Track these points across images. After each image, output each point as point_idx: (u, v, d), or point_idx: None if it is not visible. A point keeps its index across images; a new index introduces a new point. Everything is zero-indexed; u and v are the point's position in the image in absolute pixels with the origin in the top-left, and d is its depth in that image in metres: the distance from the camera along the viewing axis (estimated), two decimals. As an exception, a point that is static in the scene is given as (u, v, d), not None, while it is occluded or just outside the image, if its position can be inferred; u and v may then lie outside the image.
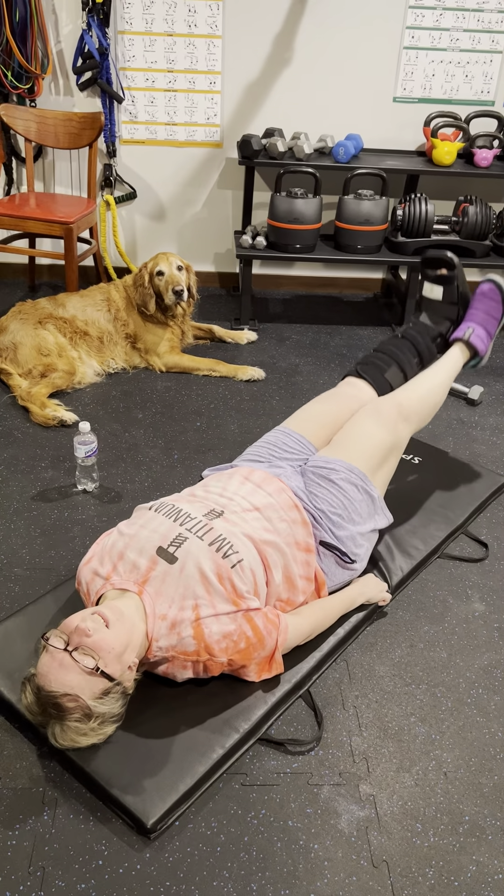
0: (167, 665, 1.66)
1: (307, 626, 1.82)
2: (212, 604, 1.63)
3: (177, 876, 1.43)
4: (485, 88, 3.74)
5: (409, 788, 1.62)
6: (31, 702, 1.51)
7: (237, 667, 1.70)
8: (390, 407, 2.14)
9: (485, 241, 3.62)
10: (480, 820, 1.56)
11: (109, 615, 1.55)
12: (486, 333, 2.33)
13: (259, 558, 1.76)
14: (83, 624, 1.51)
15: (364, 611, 1.98)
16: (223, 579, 1.65)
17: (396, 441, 2.11)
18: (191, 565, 1.66)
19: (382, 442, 2.08)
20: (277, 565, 1.80)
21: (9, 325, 3.10)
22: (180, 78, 3.66)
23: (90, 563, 1.76)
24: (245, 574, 1.69)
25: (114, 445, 2.77)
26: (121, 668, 1.53)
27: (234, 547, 1.71)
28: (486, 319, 2.34)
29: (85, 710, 1.48)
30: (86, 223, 3.49)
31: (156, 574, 1.67)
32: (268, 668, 1.74)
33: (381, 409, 2.14)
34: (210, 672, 1.68)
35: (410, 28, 3.58)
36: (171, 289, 3.17)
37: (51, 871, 1.43)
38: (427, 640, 1.99)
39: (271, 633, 1.69)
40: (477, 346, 2.31)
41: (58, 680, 1.48)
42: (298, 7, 3.51)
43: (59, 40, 3.57)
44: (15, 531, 2.31)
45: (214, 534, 1.73)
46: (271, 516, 1.85)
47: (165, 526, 1.75)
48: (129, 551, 1.72)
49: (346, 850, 1.49)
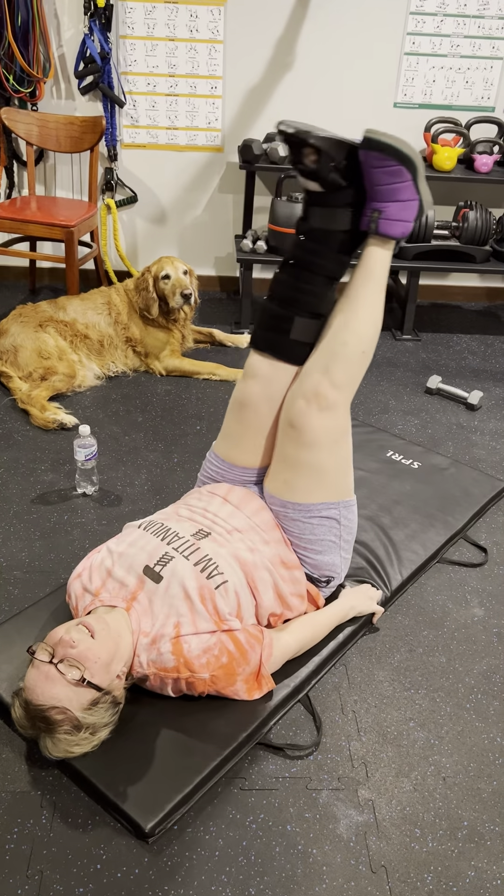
0: (150, 681, 1.65)
1: (294, 641, 1.79)
2: (193, 622, 1.62)
3: (175, 880, 1.43)
4: (485, 94, 3.75)
5: (407, 793, 1.61)
6: (21, 716, 1.51)
7: (223, 685, 1.65)
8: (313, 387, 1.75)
9: (485, 247, 3.62)
10: (479, 825, 1.56)
11: (95, 625, 1.54)
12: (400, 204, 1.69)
13: (245, 581, 1.73)
14: (67, 635, 1.50)
15: (359, 621, 1.98)
16: (205, 600, 1.64)
17: (338, 422, 1.78)
18: (175, 585, 1.65)
19: (329, 443, 1.78)
20: (267, 586, 1.77)
21: (9, 328, 3.10)
22: (182, 82, 3.67)
23: (80, 578, 1.76)
24: (228, 596, 1.67)
25: (114, 449, 2.77)
26: (108, 678, 1.52)
27: (219, 568, 1.69)
28: (392, 189, 1.67)
29: (73, 722, 1.48)
30: (87, 227, 3.49)
31: (143, 593, 1.67)
32: (257, 685, 1.70)
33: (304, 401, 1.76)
34: (195, 690, 1.64)
35: (411, 34, 3.59)
36: (178, 293, 3.18)
37: (49, 875, 1.42)
38: (426, 645, 1.99)
39: (254, 647, 1.66)
40: (392, 233, 1.72)
41: (44, 693, 1.47)
42: (300, 12, 3.52)
43: (61, 44, 3.58)
44: (14, 534, 2.31)
45: (201, 554, 1.71)
46: (254, 539, 1.82)
47: (153, 544, 1.74)
48: (116, 569, 1.72)
49: (345, 855, 1.49)
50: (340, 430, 1.80)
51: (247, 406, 1.88)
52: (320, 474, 1.81)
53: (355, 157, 1.67)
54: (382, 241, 1.75)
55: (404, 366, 3.53)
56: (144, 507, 2.45)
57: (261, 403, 1.86)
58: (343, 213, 1.73)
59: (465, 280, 4.27)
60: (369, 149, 1.63)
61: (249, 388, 1.87)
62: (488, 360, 3.63)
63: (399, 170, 1.64)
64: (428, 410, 3.14)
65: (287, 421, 1.81)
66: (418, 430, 2.98)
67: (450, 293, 4.29)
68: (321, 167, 1.65)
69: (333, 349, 1.77)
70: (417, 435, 2.95)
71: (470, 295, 4.31)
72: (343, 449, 1.83)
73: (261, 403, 1.86)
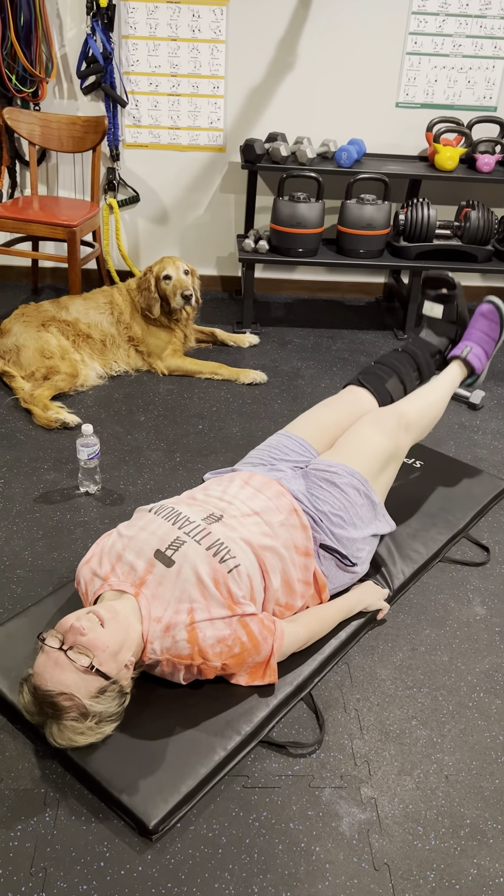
0: (161, 667, 1.66)
1: (303, 633, 1.82)
2: (207, 608, 1.63)
3: (178, 878, 1.43)
4: (487, 94, 3.75)
5: (410, 791, 1.62)
6: (28, 701, 1.52)
7: (230, 673, 1.70)
8: (391, 416, 2.17)
9: (486, 246, 3.62)
10: (481, 823, 1.56)
11: (104, 614, 1.56)
12: (484, 352, 2.40)
13: (257, 564, 1.76)
14: (78, 623, 1.52)
15: (364, 616, 1.99)
16: (219, 584, 1.65)
17: (396, 450, 2.13)
18: (187, 569, 1.66)
19: (383, 449, 2.10)
20: (276, 570, 1.80)
21: (12, 328, 3.11)
22: (184, 82, 3.68)
23: (89, 563, 1.78)
24: (241, 579, 1.69)
25: (116, 448, 2.78)
26: (116, 667, 1.54)
27: (231, 552, 1.71)
28: (484, 339, 2.40)
29: (81, 709, 1.49)
30: (89, 226, 3.50)
31: (153, 577, 1.68)
32: (261, 674, 1.73)
33: (382, 417, 2.17)
34: (204, 675, 1.68)
35: (413, 34, 3.59)
36: (179, 293, 3.18)
37: (52, 873, 1.43)
38: (428, 644, 1.99)
39: (267, 639, 1.69)
40: (474, 364, 2.38)
41: (53, 679, 1.48)
42: (302, 12, 3.52)
43: (64, 44, 3.59)
44: (17, 533, 2.31)
45: (212, 538, 1.73)
46: (271, 520, 1.85)
47: (164, 529, 1.76)
48: (127, 553, 1.73)
49: (348, 852, 1.50)
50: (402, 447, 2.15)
51: (338, 401, 2.30)
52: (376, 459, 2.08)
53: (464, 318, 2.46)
54: (464, 366, 2.40)
55: (406, 365, 3.53)
56: (145, 505, 2.45)
57: (346, 406, 2.27)
58: (444, 342, 2.48)
59: (467, 280, 4.27)
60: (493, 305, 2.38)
61: (345, 397, 2.31)
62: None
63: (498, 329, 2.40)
64: (430, 410, 3.14)
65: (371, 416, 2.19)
66: (420, 430, 2.98)
67: (451, 293, 4.29)
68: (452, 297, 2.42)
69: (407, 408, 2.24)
70: (419, 434, 2.95)
71: (472, 295, 4.30)
72: (396, 461, 2.15)
73: (346, 406, 2.27)
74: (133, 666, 1.60)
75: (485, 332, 2.41)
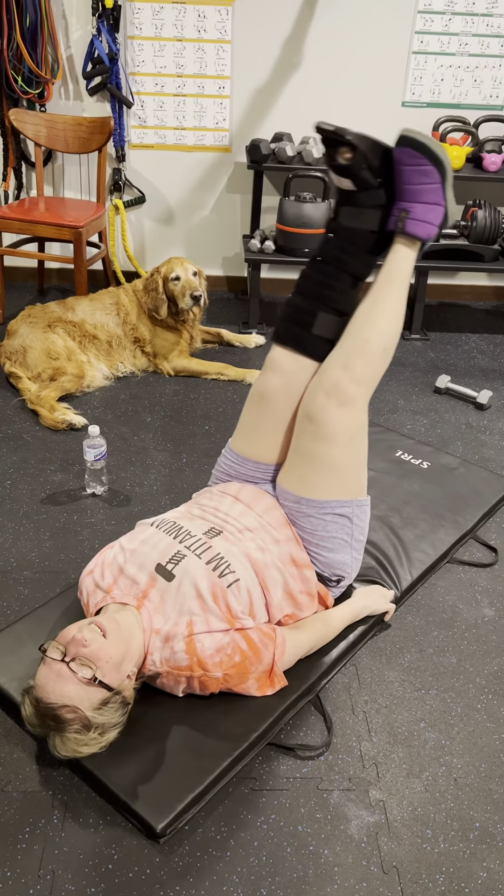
0: (161, 679, 1.65)
1: (307, 640, 1.80)
2: (206, 621, 1.62)
3: (186, 881, 1.43)
4: (493, 93, 3.74)
5: (418, 794, 1.61)
6: (31, 714, 1.50)
7: (235, 683, 1.66)
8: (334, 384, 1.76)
9: (493, 246, 3.61)
10: (491, 826, 1.56)
11: (106, 625, 1.55)
12: (427, 207, 1.75)
13: (257, 579, 1.74)
14: (79, 634, 1.51)
15: (372, 619, 1.98)
16: (217, 598, 1.64)
17: (356, 419, 1.79)
18: (187, 583, 1.65)
19: (345, 447, 1.80)
20: (277, 584, 1.78)
21: (18, 329, 3.11)
22: (189, 83, 3.67)
23: (92, 574, 1.77)
24: (241, 594, 1.67)
25: (123, 449, 2.77)
26: (119, 678, 1.52)
27: (230, 566, 1.70)
28: (419, 191, 1.73)
29: (84, 721, 1.47)
30: (95, 227, 3.50)
31: (155, 591, 1.67)
32: (269, 682, 1.71)
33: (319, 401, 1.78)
34: (207, 689, 1.65)
35: (419, 33, 3.58)
36: (188, 294, 3.18)
37: (60, 875, 1.43)
38: (436, 646, 1.98)
39: (267, 646, 1.67)
40: (418, 233, 1.76)
41: (55, 691, 1.47)
42: (307, 12, 3.51)
43: (69, 45, 3.59)
44: (24, 534, 2.31)
45: (212, 552, 1.72)
46: (264, 538, 1.82)
47: (165, 542, 1.75)
48: (128, 566, 1.72)
49: (356, 855, 1.49)
50: (357, 427, 1.81)
51: (266, 399, 1.89)
52: (335, 470, 1.82)
53: (388, 161, 1.74)
54: (408, 241, 1.79)
55: (413, 365, 3.52)
56: (154, 507, 2.45)
57: (280, 397, 1.87)
58: (372, 214, 1.78)
59: (474, 279, 4.26)
60: (404, 145, 1.70)
61: (269, 381, 1.88)
62: (497, 359, 3.61)
63: (430, 170, 1.71)
64: (437, 410, 3.13)
65: (305, 414, 1.82)
66: (427, 430, 2.97)
67: (458, 292, 4.28)
68: (355, 163, 1.71)
69: (355, 345, 1.79)
70: (426, 435, 2.94)
71: (479, 294, 4.30)
72: (359, 446, 1.83)
73: (280, 397, 1.87)
74: (135, 676, 1.59)
75: (416, 184, 1.72)
